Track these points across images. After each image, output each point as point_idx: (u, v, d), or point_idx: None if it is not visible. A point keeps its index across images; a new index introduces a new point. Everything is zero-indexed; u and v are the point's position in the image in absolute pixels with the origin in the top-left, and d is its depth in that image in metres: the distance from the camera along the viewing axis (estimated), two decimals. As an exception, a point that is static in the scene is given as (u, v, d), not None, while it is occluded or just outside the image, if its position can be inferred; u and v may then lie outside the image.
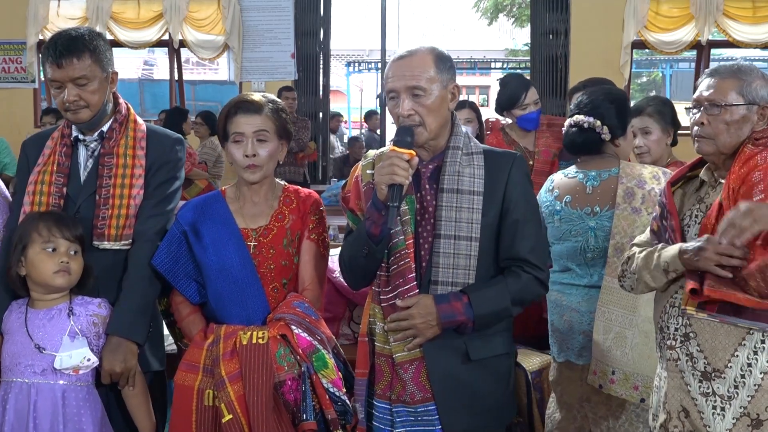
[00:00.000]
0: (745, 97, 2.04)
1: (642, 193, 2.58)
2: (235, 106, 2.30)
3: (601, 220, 2.62)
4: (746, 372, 1.95)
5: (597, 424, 2.68)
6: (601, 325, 2.57)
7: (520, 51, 20.38)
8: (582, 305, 2.64)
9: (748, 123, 2.04)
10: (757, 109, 2.04)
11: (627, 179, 2.60)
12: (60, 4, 8.84)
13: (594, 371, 2.58)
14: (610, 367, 2.55)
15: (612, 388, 2.55)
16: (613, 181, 2.62)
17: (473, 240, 2.08)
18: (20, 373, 2.20)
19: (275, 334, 2.19)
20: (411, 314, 2.05)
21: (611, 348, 2.56)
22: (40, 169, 2.40)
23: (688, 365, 2.03)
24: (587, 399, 2.68)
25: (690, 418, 2.02)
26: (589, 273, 2.65)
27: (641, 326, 2.54)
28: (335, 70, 16.40)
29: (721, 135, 2.05)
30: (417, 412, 2.09)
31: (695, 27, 8.21)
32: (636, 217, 2.57)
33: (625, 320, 2.57)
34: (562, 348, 2.69)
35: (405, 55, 2.10)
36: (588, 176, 2.67)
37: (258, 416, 2.10)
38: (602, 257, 2.62)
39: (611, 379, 2.55)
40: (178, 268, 2.32)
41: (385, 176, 1.99)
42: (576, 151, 2.76)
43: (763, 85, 2.06)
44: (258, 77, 8.76)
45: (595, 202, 2.63)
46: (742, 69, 2.08)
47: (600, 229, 2.61)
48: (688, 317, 2.01)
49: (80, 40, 2.29)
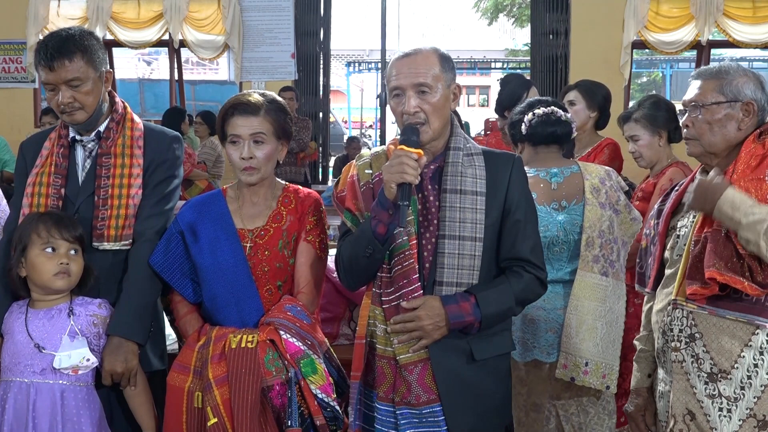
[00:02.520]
0: (725, 95, 2.05)
1: (604, 190, 2.72)
2: (232, 107, 2.27)
3: (570, 213, 2.70)
4: (752, 373, 1.95)
5: (568, 420, 2.73)
6: (574, 319, 2.63)
7: (520, 51, 20.40)
8: (547, 303, 2.68)
9: (732, 121, 2.05)
10: (740, 106, 2.05)
11: (590, 176, 2.73)
12: (60, 4, 8.84)
13: (564, 365, 2.63)
14: (582, 359, 2.63)
15: (585, 379, 2.62)
16: (576, 177, 2.74)
17: (477, 240, 2.08)
18: (20, 372, 2.20)
19: (264, 339, 2.18)
20: (418, 315, 2.04)
21: (584, 340, 2.63)
22: (38, 171, 2.39)
23: (693, 366, 2.02)
24: (557, 397, 2.73)
25: (696, 421, 2.01)
26: (553, 268, 2.70)
27: (607, 317, 2.66)
28: (335, 70, 16.42)
29: (704, 135, 2.07)
30: (422, 414, 2.08)
31: (695, 27, 8.21)
32: (603, 212, 2.69)
33: (596, 312, 2.66)
34: (527, 348, 2.71)
35: (410, 53, 2.10)
36: (550, 173, 2.75)
37: (243, 421, 2.08)
38: (567, 251, 2.70)
39: (584, 371, 2.62)
40: (175, 267, 2.31)
41: (395, 175, 1.98)
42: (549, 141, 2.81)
43: (746, 82, 2.06)
44: (258, 77, 8.76)
45: (561, 197, 2.71)
46: (722, 68, 2.09)
47: (568, 223, 2.69)
48: (694, 318, 2.01)
49: (71, 42, 2.26)
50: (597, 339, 2.63)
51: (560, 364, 2.63)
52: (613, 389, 2.68)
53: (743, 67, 2.12)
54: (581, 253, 2.65)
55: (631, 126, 3.32)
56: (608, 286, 2.67)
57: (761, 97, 2.06)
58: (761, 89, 2.07)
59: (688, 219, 2.10)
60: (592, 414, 2.73)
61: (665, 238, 2.17)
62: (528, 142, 2.83)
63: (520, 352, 2.72)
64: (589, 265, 2.66)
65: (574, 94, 3.77)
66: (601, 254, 2.67)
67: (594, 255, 2.67)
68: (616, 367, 2.68)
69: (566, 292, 2.70)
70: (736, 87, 2.05)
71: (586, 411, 2.73)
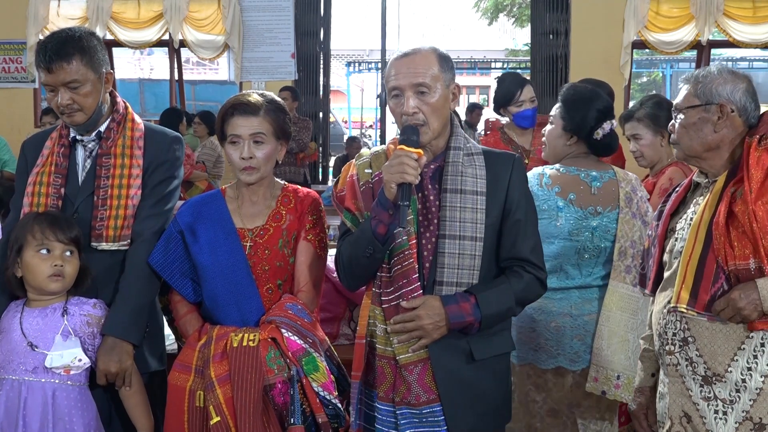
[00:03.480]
0: (700, 98, 2.05)
1: (636, 199, 2.66)
2: (231, 107, 2.27)
3: (604, 220, 2.62)
4: (747, 376, 1.94)
5: (586, 428, 2.68)
6: (605, 330, 2.56)
7: (520, 51, 20.39)
8: (574, 309, 2.62)
9: (707, 124, 2.04)
10: (714, 108, 2.04)
11: (624, 184, 2.66)
12: (60, 4, 8.85)
13: (595, 378, 2.56)
14: (614, 372, 2.55)
15: (617, 393, 2.55)
16: (613, 184, 2.66)
17: (478, 240, 2.07)
18: (12, 370, 2.20)
19: (266, 337, 2.18)
20: (419, 315, 2.03)
21: (616, 352, 2.56)
22: (38, 170, 2.39)
23: (688, 370, 2.01)
24: (577, 404, 2.67)
25: (692, 423, 2.01)
26: (582, 274, 2.64)
27: (639, 330, 2.56)
28: (335, 70, 16.41)
29: (682, 139, 2.09)
30: (422, 414, 2.08)
31: (695, 27, 8.21)
32: (635, 222, 2.62)
33: (628, 324, 2.58)
34: (551, 354, 2.64)
35: (408, 53, 2.10)
36: (590, 176, 2.66)
37: (245, 419, 2.08)
38: (597, 257, 2.63)
39: (616, 384, 2.55)
40: (175, 267, 2.31)
41: (396, 175, 1.97)
42: (607, 153, 2.75)
43: (723, 83, 2.04)
44: (258, 77, 8.76)
45: (598, 203, 2.63)
46: (703, 72, 2.09)
47: (601, 229, 2.61)
48: (687, 322, 2.01)
49: (70, 43, 2.25)
50: (629, 352, 2.57)
51: (591, 377, 2.57)
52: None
53: (729, 68, 2.10)
54: (614, 262, 2.59)
55: (634, 125, 3.30)
56: (640, 298, 2.59)
57: (740, 98, 2.04)
58: (743, 90, 2.04)
59: (685, 222, 2.10)
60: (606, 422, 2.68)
61: (664, 240, 2.17)
62: (591, 147, 2.71)
63: (543, 359, 2.65)
64: (622, 276, 2.60)
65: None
66: (633, 264, 2.61)
67: (626, 265, 2.61)
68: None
69: (595, 298, 2.64)
70: (710, 90, 2.04)
71: (605, 418, 2.68)
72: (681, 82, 2.15)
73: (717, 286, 1.93)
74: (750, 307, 1.88)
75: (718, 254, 1.94)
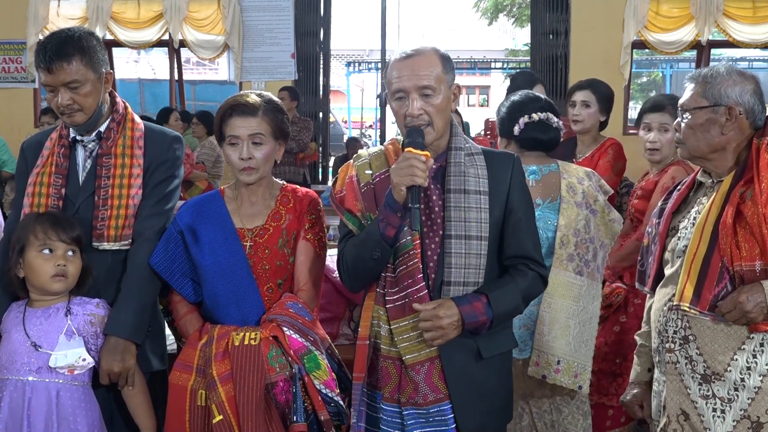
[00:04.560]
0: (708, 99, 2.05)
1: (582, 189, 2.70)
2: (230, 108, 2.28)
3: (544, 211, 2.68)
4: (746, 375, 1.95)
5: (540, 418, 2.73)
6: (547, 317, 2.62)
7: (520, 51, 20.39)
8: None
9: (715, 125, 2.04)
10: (723, 110, 2.03)
11: (567, 175, 2.71)
12: (60, 4, 8.85)
13: (536, 362, 2.61)
14: (555, 357, 2.61)
15: (557, 377, 2.61)
16: (554, 176, 2.73)
17: (483, 239, 2.08)
18: (16, 371, 2.20)
19: (267, 336, 2.18)
20: (437, 315, 2.02)
21: (556, 338, 2.62)
22: (38, 171, 2.39)
23: (687, 368, 2.02)
24: (531, 394, 2.72)
25: (690, 421, 2.02)
26: None
27: (580, 316, 2.64)
28: (335, 70, 16.41)
29: (688, 139, 2.08)
30: (429, 413, 2.08)
31: (695, 27, 8.21)
32: (579, 211, 2.67)
33: (570, 311, 2.64)
34: None
35: (411, 54, 2.09)
36: (528, 170, 2.71)
37: (248, 417, 2.09)
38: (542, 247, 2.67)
39: (556, 369, 2.61)
40: (175, 267, 2.32)
41: (405, 178, 1.97)
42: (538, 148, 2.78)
43: (732, 85, 2.04)
44: (258, 77, 8.77)
45: (537, 195, 2.68)
46: (711, 72, 2.08)
47: (542, 220, 2.66)
48: (688, 320, 2.01)
49: (70, 44, 2.25)
50: (569, 338, 2.62)
51: (532, 362, 2.62)
52: (585, 390, 2.66)
53: (737, 69, 2.10)
54: (555, 251, 2.63)
55: (665, 116, 3.20)
56: (582, 285, 2.65)
57: (748, 101, 2.04)
58: (751, 92, 2.04)
59: (688, 221, 2.10)
60: (565, 413, 2.73)
61: (665, 239, 2.17)
62: (517, 144, 2.78)
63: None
64: (564, 264, 2.64)
65: (589, 95, 3.72)
66: (576, 253, 2.66)
67: (568, 253, 2.65)
68: (589, 367, 2.67)
69: None
70: (719, 91, 2.04)
71: (560, 410, 2.73)
72: (687, 80, 2.14)
73: (721, 285, 1.94)
74: (757, 310, 1.89)
75: (723, 254, 1.94)
